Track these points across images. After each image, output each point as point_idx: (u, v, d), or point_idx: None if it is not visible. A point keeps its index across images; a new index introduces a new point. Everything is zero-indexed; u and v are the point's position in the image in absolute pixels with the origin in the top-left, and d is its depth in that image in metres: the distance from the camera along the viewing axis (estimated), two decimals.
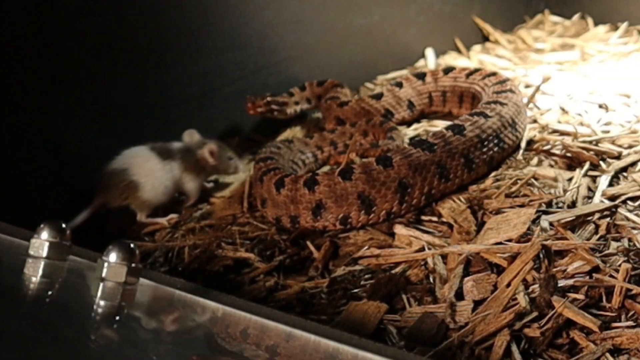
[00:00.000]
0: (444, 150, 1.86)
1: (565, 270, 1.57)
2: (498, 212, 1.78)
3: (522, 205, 1.78)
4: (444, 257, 1.69)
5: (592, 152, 1.96)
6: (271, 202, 1.91)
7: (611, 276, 1.53)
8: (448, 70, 2.38)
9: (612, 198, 1.77)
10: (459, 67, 2.41)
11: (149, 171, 2.08)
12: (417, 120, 2.39)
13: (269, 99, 2.32)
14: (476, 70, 2.33)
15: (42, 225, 1.27)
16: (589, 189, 1.83)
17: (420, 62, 2.86)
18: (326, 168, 2.20)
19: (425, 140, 1.89)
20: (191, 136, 2.17)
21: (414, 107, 2.36)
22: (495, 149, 1.95)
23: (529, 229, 1.69)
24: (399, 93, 2.35)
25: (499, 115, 1.98)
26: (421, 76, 2.38)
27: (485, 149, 1.93)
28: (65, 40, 2.03)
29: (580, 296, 1.51)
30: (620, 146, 2.01)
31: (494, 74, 2.28)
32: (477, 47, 3.01)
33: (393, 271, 1.70)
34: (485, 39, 3.07)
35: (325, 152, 2.21)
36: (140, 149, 2.10)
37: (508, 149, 2.00)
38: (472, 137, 1.91)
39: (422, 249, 1.73)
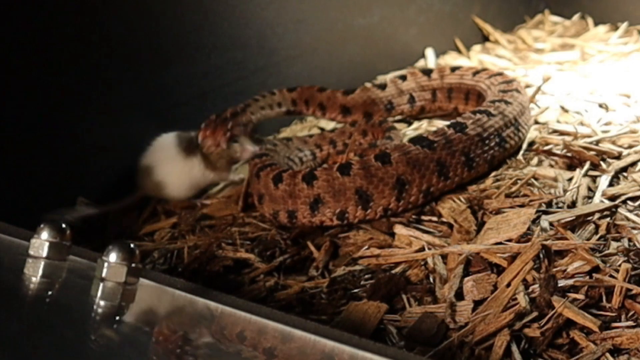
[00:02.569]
0: (444, 148, 1.86)
1: (565, 270, 1.57)
2: (498, 212, 1.78)
3: (522, 205, 1.78)
4: (444, 257, 1.69)
5: (592, 152, 1.96)
6: (268, 197, 1.91)
7: (611, 276, 1.53)
8: (455, 68, 2.38)
9: (612, 198, 1.77)
10: (466, 66, 2.41)
11: (172, 170, 2.12)
12: (418, 118, 2.39)
13: (229, 125, 2.12)
14: (483, 70, 2.34)
15: (42, 225, 1.27)
16: (589, 189, 1.83)
17: (421, 62, 2.86)
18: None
19: (425, 137, 1.88)
20: None
21: (414, 101, 2.36)
22: (497, 148, 1.95)
23: (529, 229, 1.69)
24: (401, 85, 2.34)
25: (502, 114, 1.98)
26: (427, 72, 2.38)
27: (486, 148, 1.92)
28: (65, 40, 2.03)
29: (580, 296, 1.51)
30: (620, 146, 2.00)
31: (500, 73, 2.28)
32: (477, 47, 3.01)
33: (393, 271, 1.70)
34: (485, 39, 3.07)
35: (324, 151, 2.21)
36: (168, 142, 2.12)
37: (510, 148, 2.00)
38: (473, 136, 1.91)
39: (422, 249, 1.73)
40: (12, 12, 1.94)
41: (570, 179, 1.87)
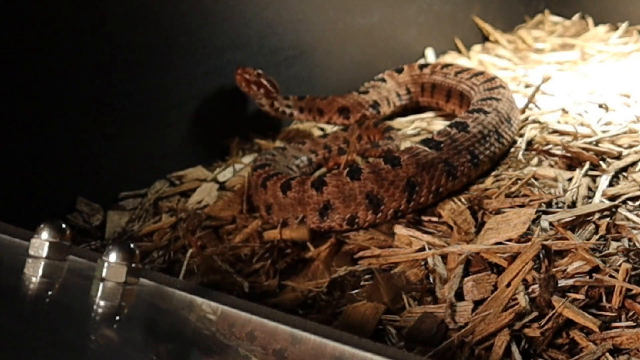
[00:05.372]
0: (451, 148, 1.87)
1: (565, 270, 1.57)
2: (498, 212, 1.78)
3: (522, 205, 1.78)
4: (444, 257, 1.69)
5: (592, 152, 1.96)
6: (277, 206, 1.90)
7: (611, 276, 1.53)
8: (423, 66, 2.46)
9: (612, 198, 1.77)
10: (434, 63, 2.47)
11: None
12: (415, 112, 2.42)
13: (260, 71, 2.28)
14: (466, 70, 2.36)
15: (42, 225, 1.27)
16: (589, 189, 1.83)
17: (421, 62, 2.86)
18: (323, 170, 2.20)
19: (431, 139, 1.90)
20: None
21: (400, 97, 2.42)
22: (496, 144, 1.98)
23: (529, 229, 1.69)
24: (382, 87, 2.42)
25: (496, 110, 2.01)
26: (400, 70, 2.46)
27: (487, 145, 1.95)
28: (65, 40, 2.03)
29: (580, 296, 1.51)
30: (620, 146, 2.01)
31: (481, 72, 2.30)
32: (477, 47, 3.01)
33: (393, 271, 1.70)
34: (485, 39, 3.07)
35: (319, 155, 2.22)
36: None
37: (507, 144, 2.03)
38: (475, 133, 1.93)
39: (422, 249, 1.73)
40: (12, 12, 1.94)
41: (570, 179, 1.87)
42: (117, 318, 1.18)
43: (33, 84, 1.99)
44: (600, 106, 2.27)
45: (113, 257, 1.21)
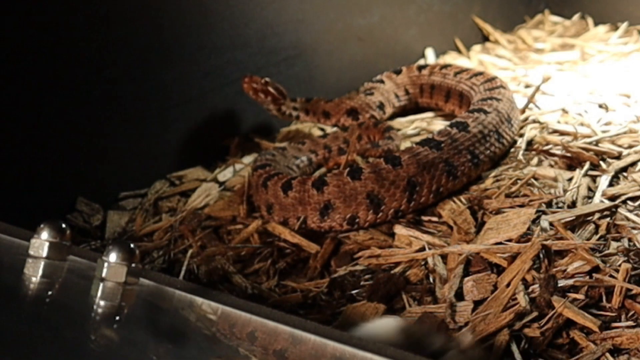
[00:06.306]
0: (451, 148, 1.88)
1: (565, 270, 1.57)
2: (498, 212, 1.78)
3: (522, 205, 1.78)
4: (444, 257, 1.69)
5: (592, 152, 1.96)
6: (278, 206, 1.91)
7: (611, 276, 1.53)
8: (421, 67, 2.46)
9: (612, 198, 1.77)
10: (432, 64, 2.47)
11: None
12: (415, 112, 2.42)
13: (267, 79, 2.29)
14: (464, 70, 2.37)
15: (42, 225, 1.27)
16: (589, 189, 1.83)
17: (421, 62, 2.86)
18: (323, 170, 2.20)
19: (431, 138, 1.90)
20: None
21: (399, 97, 2.43)
22: (497, 144, 1.98)
23: (529, 229, 1.69)
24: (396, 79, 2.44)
25: (496, 110, 2.02)
26: (398, 72, 2.47)
27: (488, 144, 1.95)
28: (65, 40, 2.03)
29: (580, 296, 1.51)
30: (620, 146, 2.01)
31: (481, 73, 2.31)
32: (477, 47, 3.01)
33: (393, 271, 1.70)
34: (485, 39, 3.07)
35: (319, 155, 2.22)
36: None
37: (507, 144, 2.03)
38: (476, 133, 1.94)
39: (422, 249, 1.73)
40: (12, 12, 1.94)
41: (570, 179, 1.87)
42: (117, 318, 1.18)
43: (33, 84, 1.99)
44: (600, 106, 2.27)
45: (113, 257, 1.21)
